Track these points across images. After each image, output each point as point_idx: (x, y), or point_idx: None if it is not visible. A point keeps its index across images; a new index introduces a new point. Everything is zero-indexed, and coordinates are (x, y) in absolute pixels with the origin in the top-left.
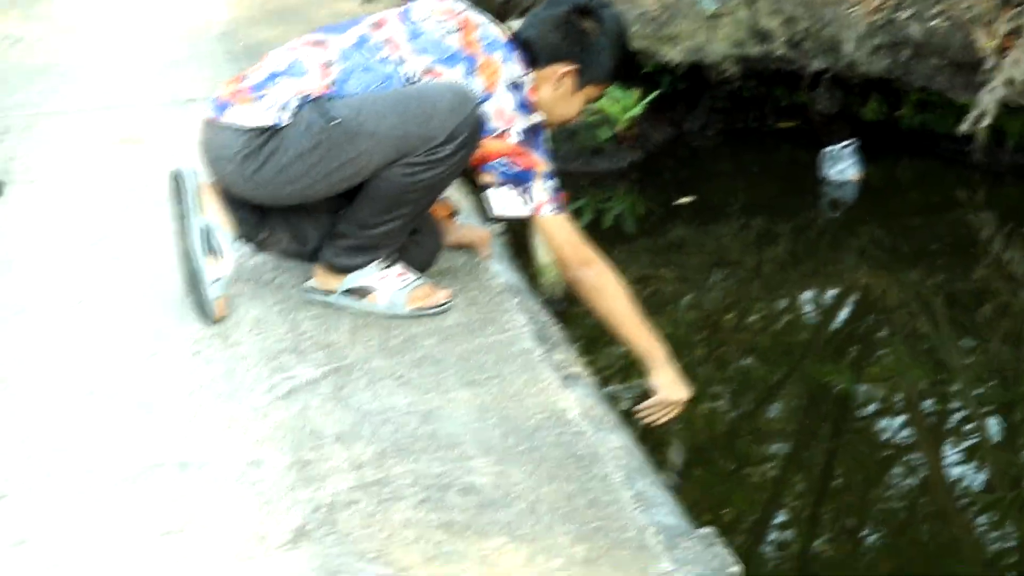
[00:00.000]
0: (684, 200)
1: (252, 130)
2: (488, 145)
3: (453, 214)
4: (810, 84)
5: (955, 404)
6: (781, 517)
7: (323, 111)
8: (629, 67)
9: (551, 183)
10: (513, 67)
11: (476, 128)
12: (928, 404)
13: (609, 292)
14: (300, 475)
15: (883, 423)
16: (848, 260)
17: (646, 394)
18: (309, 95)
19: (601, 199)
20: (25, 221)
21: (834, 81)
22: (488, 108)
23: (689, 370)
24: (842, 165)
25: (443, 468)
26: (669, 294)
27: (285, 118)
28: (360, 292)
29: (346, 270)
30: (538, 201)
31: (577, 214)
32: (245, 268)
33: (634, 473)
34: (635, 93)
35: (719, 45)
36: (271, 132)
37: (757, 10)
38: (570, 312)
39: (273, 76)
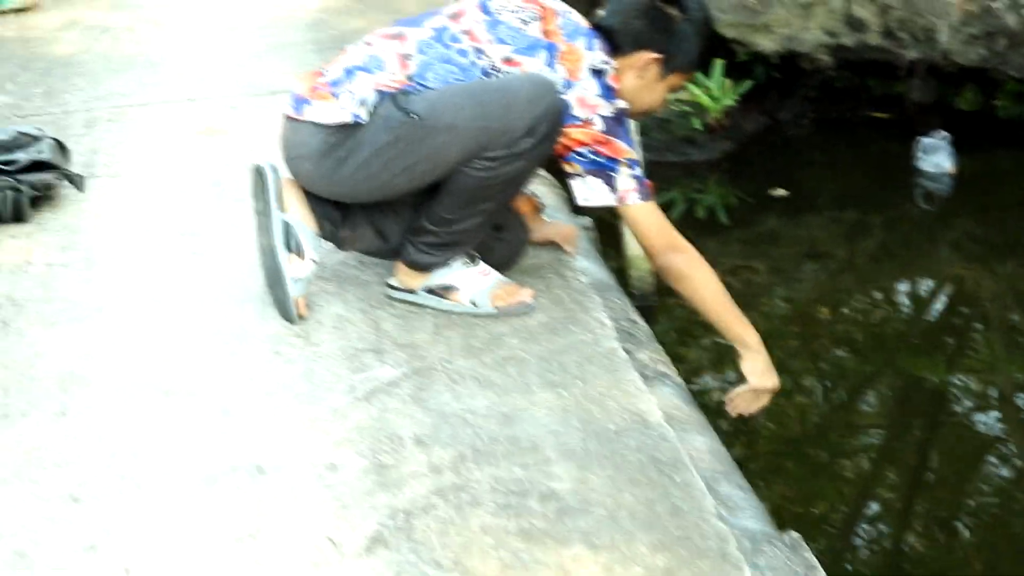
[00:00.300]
0: (778, 192)
1: (330, 127)
2: (572, 134)
3: (539, 209)
4: (905, 74)
5: None
6: (873, 511)
7: (400, 105)
8: (710, 53)
9: (637, 171)
10: (596, 54)
11: (557, 120)
12: (1022, 398)
13: (700, 278)
14: (378, 479)
15: (977, 417)
16: (942, 253)
17: (737, 384)
18: (387, 89)
19: (693, 189)
20: (106, 216)
21: (929, 71)
22: (571, 96)
23: (781, 362)
24: (937, 157)
25: (523, 473)
26: (761, 286)
27: (364, 114)
28: (443, 291)
29: (428, 268)
30: (624, 189)
31: (669, 205)
32: (328, 265)
33: (719, 476)
34: (728, 83)
35: (813, 34)
36: (350, 129)
37: None
38: (662, 305)
39: (350, 71)
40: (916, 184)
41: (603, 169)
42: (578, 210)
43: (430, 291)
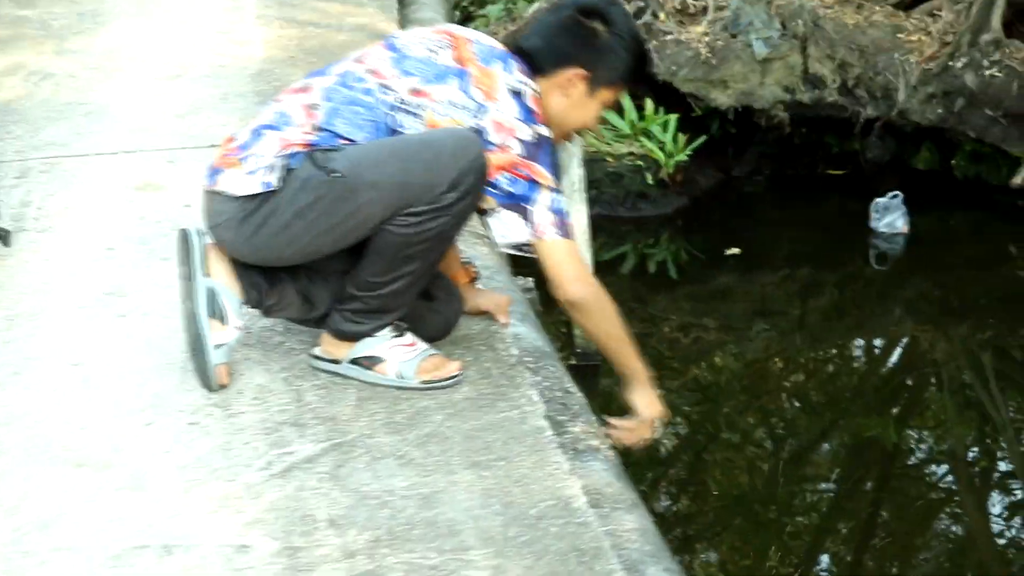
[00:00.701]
0: (732, 251)
1: (243, 197)
2: (489, 160)
3: (475, 279)
4: (862, 131)
5: (1002, 458)
6: (822, 566)
7: (320, 164)
8: (644, 68)
9: (558, 203)
10: (514, 75)
11: (481, 174)
12: (974, 458)
13: (606, 313)
14: (288, 563)
15: (928, 476)
16: (895, 312)
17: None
18: (295, 147)
19: (645, 245)
20: (32, 273)
21: (886, 129)
22: (486, 120)
23: (731, 418)
24: (890, 217)
25: (439, 560)
26: (712, 342)
27: (274, 180)
28: (368, 362)
29: (354, 337)
30: (540, 223)
31: (620, 260)
32: (253, 331)
33: (647, 558)
34: (683, 137)
35: (770, 90)
36: (264, 195)
37: (809, 55)
38: (606, 365)
39: (258, 132)
40: (870, 243)
41: (519, 202)
42: (518, 264)
43: (355, 362)
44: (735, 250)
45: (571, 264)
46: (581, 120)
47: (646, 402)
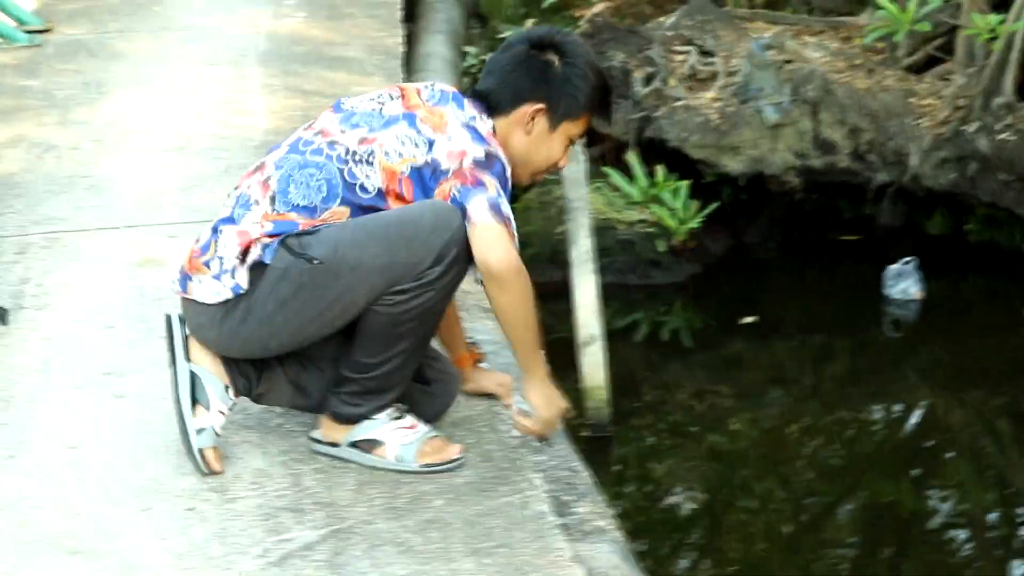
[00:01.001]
0: (747, 320)
1: (216, 304)
2: (443, 189)
3: (478, 361)
4: (874, 197)
5: (1020, 524)
6: None
7: (296, 252)
8: (605, 97)
9: (499, 202)
10: (466, 112)
11: (464, 245)
12: (993, 523)
13: (523, 295)
14: None
15: (947, 541)
16: (910, 379)
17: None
18: (255, 241)
19: (658, 313)
20: (29, 351)
21: (899, 194)
22: (438, 152)
23: (747, 484)
24: (904, 283)
25: None
26: (727, 409)
27: (244, 282)
28: (367, 445)
29: (352, 420)
30: (475, 211)
31: (633, 328)
32: (252, 413)
33: None
34: (694, 204)
35: (781, 155)
36: (239, 295)
37: (820, 121)
38: (618, 434)
39: (216, 228)
40: (884, 310)
41: (462, 202)
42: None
43: (354, 445)
44: (751, 319)
45: (500, 241)
46: (547, 157)
47: (544, 400)
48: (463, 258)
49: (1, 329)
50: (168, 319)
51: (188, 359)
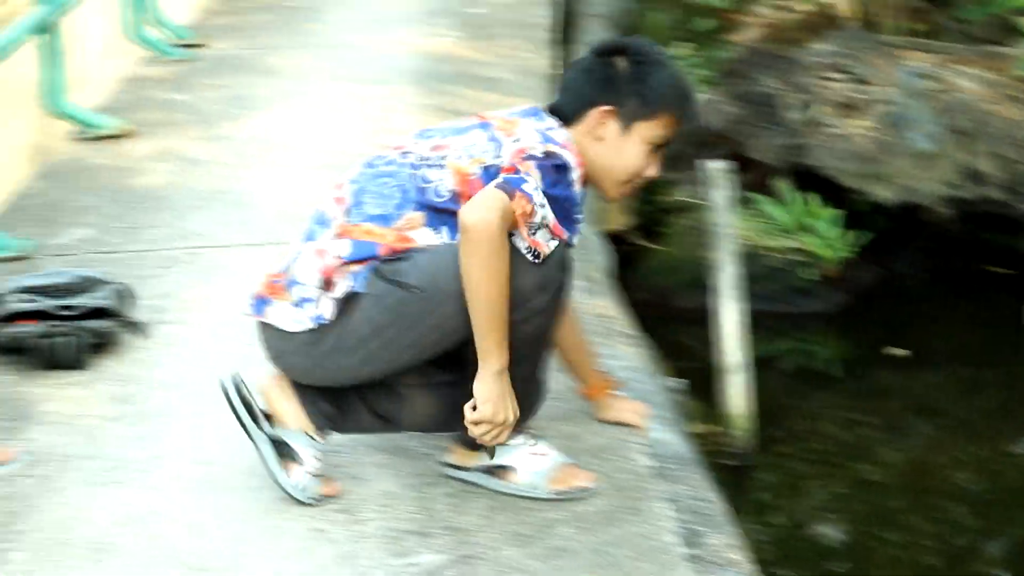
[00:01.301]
0: (895, 351)
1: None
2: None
3: (613, 388)
4: None
5: None
6: None
7: (390, 278)
8: (679, 91)
9: (525, 185)
10: (544, 122)
11: (567, 272)
12: None
13: (492, 262)
14: None
15: None
16: None
17: None
18: (332, 269)
19: (805, 341)
20: (167, 366)
21: None
22: (505, 152)
23: (892, 516)
24: None
25: None
26: (872, 440)
27: (327, 313)
28: (499, 471)
29: (481, 447)
30: (491, 185)
31: (781, 356)
32: (384, 436)
33: None
34: (845, 233)
35: (932, 186)
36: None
37: (973, 151)
38: (760, 462)
39: (299, 251)
40: None
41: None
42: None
43: (486, 471)
44: (899, 351)
45: (488, 203)
46: (626, 163)
47: (486, 395)
48: (567, 284)
49: (139, 343)
50: (224, 386)
51: (260, 427)
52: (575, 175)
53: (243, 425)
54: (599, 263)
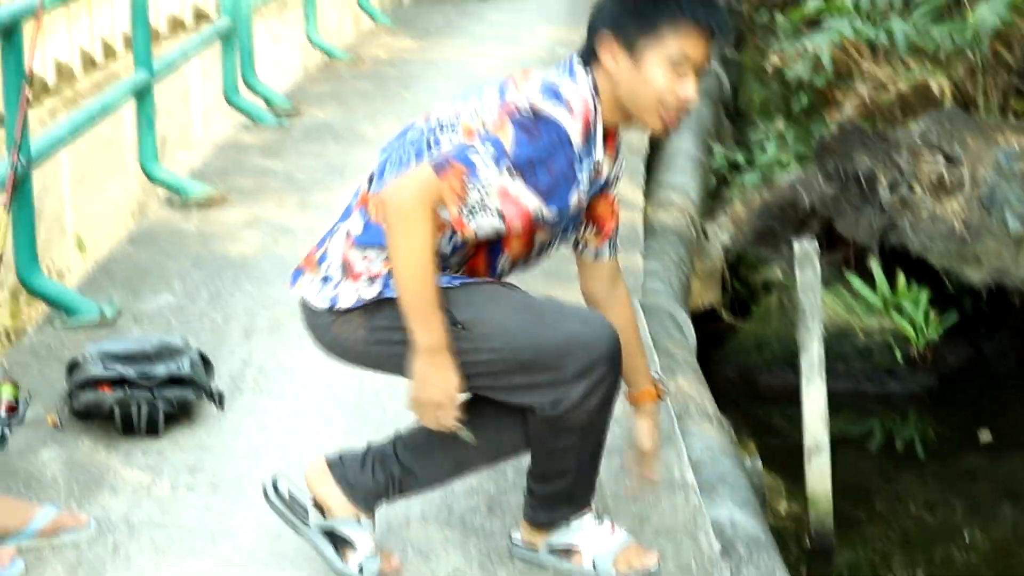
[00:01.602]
0: (983, 436)
1: (323, 310)
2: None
3: (660, 398)
4: None
5: None
6: None
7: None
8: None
9: (469, 153)
10: (559, 73)
11: (615, 361)
12: None
13: (408, 247)
14: None
15: None
16: None
17: None
18: (347, 241)
19: (892, 422)
20: (243, 437)
21: None
22: (497, 108)
23: None
24: None
25: None
26: (957, 523)
27: (346, 300)
28: (564, 552)
29: (547, 525)
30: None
31: (867, 436)
32: (455, 511)
33: None
34: (934, 314)
35: (1023, 269)
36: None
37: None
38: (841, 542)
39: (335, 227)
40: None
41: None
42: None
43: (552, 551)
44: (987, 436)
45: (411, 183)
46: (648, 88)
47: (422, 376)
48: (612, 375)
49: (217, 413)
50: (265, 493)
51: (307, 524)
52: (565, 134)
53: (291, 525)
54: (682, 340)
